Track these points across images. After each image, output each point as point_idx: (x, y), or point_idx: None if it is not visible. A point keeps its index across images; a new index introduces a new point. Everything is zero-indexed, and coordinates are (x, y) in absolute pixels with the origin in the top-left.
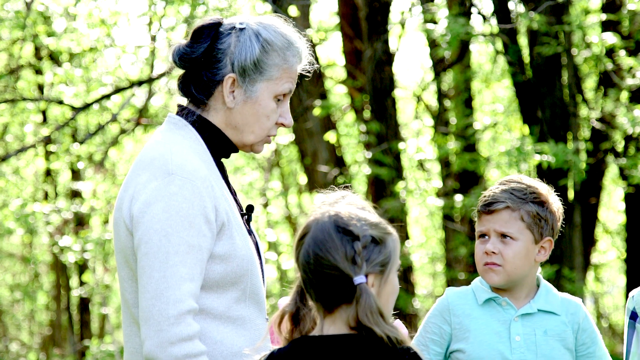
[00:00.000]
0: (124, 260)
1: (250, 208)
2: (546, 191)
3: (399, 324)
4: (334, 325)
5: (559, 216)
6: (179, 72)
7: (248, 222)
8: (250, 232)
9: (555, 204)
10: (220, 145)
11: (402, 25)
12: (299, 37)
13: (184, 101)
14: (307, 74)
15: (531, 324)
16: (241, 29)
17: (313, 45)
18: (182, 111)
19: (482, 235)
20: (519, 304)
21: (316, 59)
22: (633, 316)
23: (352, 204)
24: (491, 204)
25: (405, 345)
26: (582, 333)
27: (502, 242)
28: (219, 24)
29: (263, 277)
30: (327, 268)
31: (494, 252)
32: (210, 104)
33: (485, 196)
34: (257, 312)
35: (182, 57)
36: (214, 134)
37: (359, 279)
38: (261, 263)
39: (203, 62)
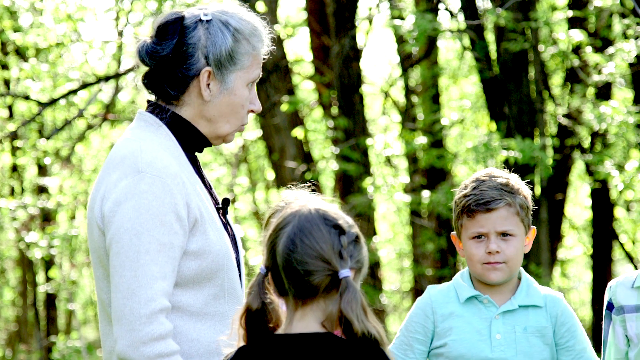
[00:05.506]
0: (98, 260)
1: (226, 201)
2: (520, 181)
3: None
4: (303, 321)
5: (531, 203)
6: (145, 67)
7: (224, 215)
8: (226, 225)
9: (528, 192)
10: (192, 140)
11: (370, 21)
12: (260, 21)
13: (152, 96)
14: (268, 56)
15: (512, 321)
16: (208, 21)
17: (280, 41)
18: (153, 108)
19: (478, 236)
20: (502, 299)
21: (284, 54)
22: (609, 307)
23: (324, 201)
24: (489, 202)
25: (370, 336)
26: (560, 327)
27: (502, 240)
28: (182, 18)
29: (240, 271)
30: (313, 258)
31: (497, 252)
32: (184, 99)
33: (473, 195)
34: (237, 308)
35: (151, 56)
36: (186, 129)
37: (345, 272)
38: (238, 257)
39: (174, 58)
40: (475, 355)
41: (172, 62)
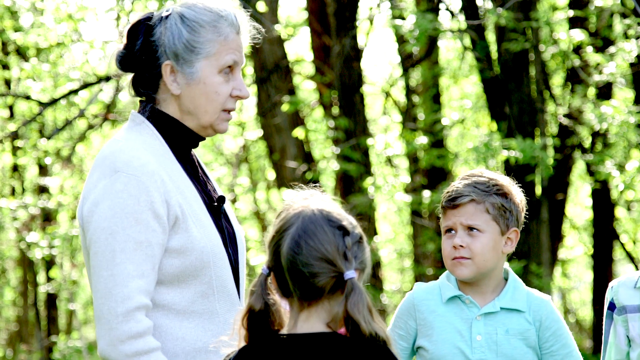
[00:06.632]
0: (88, 260)
1: (220, 199)
2: (508, 183)
3: None
4: (308, 322)
5: (523, 207)
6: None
7: (219, 212)
8: (220, 222)
9: (518, 195)
10: (179, 136)
11: (371, 21)
12: (229, 7)
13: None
14: (255, 42)
15: (493, 323)
16: (166, 17)
17: (281, 41)
18: (140, 107)
19: (449, 230)
20: (485, 300)
21: (284, 54)
22: (611, 307)
23: (327, 200)
24: (455, 199)
25: (377, 336)
26: (544, 331)
27: (469, 235)
28: (149, 19)
29: (237, 268)
30: (318, 259)
31: (461, 246)
32: (160, 97)
33: (448, 192)
34: (229, 306)
35: (121, 60)
36: (170, 125)
37: (350, 274)
38: (232, 254)
39: (141, 58)
40: (456, 356)
41: (141, 62)
